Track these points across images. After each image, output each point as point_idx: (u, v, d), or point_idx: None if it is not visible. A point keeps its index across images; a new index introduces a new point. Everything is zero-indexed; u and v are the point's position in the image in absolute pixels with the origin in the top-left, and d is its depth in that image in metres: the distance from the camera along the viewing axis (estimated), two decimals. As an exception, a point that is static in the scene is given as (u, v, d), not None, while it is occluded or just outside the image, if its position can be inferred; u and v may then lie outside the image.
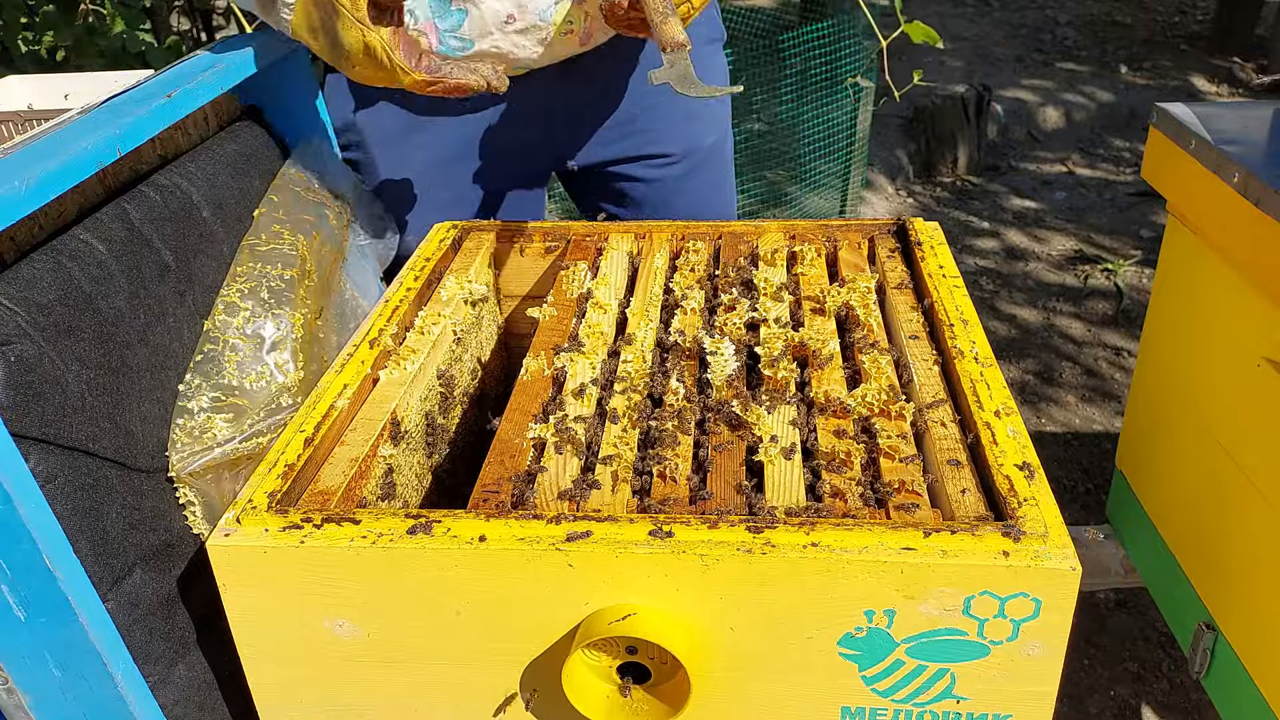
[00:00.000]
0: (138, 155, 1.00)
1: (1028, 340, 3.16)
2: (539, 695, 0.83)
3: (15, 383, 0.74)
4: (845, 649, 0.78)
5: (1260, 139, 1.27)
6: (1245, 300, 1.22)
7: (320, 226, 1.11)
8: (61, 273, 0.83)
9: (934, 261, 1.15)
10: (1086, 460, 2.63)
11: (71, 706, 0.81)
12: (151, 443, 0.88)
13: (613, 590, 0.77)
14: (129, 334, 0.88)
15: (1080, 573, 0.73)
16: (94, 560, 0.79)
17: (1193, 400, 1.37)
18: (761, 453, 0.88)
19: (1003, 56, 5.41)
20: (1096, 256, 3.61)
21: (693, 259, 1.21)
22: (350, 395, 0.97)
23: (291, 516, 0.81)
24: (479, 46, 1.23)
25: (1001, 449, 0.84)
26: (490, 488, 0.86)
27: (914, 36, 1.71)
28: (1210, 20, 5.79)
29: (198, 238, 1.00)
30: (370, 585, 0.80)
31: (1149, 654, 2.07)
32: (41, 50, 2.67)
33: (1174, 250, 1.41)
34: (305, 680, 0.86)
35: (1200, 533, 1.36)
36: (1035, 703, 0.79)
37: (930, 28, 1.70)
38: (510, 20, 1.21)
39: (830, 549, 0.75)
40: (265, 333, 0.97)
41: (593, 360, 1.03)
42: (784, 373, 0.98)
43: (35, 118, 1.62)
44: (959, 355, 0.97)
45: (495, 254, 1.30)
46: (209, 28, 3.74)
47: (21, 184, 0.78)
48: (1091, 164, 4.42)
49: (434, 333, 1.10)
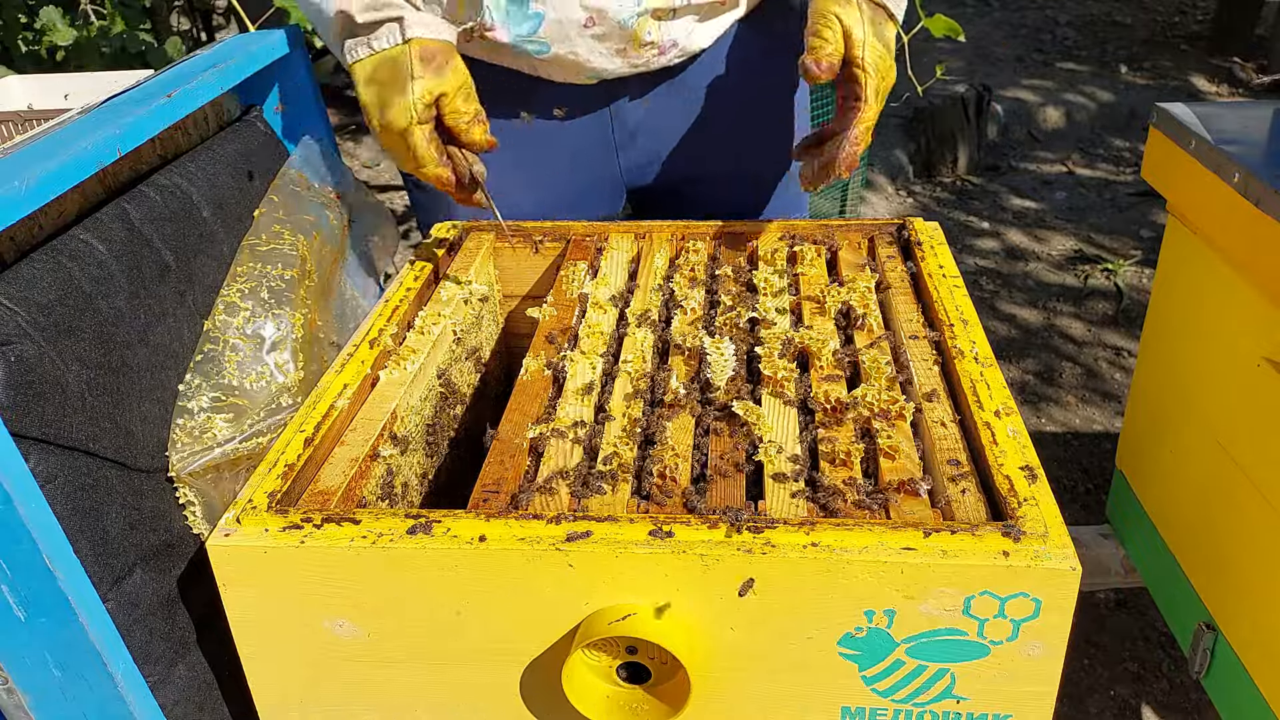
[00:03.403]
0: (138, 155, 1.00)
1: (1028, 340, 3.16)
2: (540, 695, 0.83)
3: (15, 383, 0.74)
4: (845, 649, 0.78)
5: (1260, 139, 1.27)
6: (1245, 300, 1.22)
7: (320, 226, 1.11)
8: (61, 273, 0.83)
9: (934, 261, 1.15)
10: (1086, 460, 2.63)
11: (71, 706, 0.81)
12: (151, 443, 0.88)
13: (613, 590, 0.77)
14: (129, 334, 0.88)
15: (1080, 573, 0.73)
16: (94, 560, 0.79)
17: (1193, 400, 1.37)
18: (761, 453, 0.88)
19: (1003, 56, 5.41)
20: (1096, 256, 3.61)
21: (693, 259, 1.21)
22: (350, 395, 0.97)
23: (291, 516, 0.81)
24: (556, 50, 1.22)
25: (1001, 449, 0.84)
26: (490, 488, 0.86)
27: (935, 31, 1.69)
28: (1210, 20, 5.78)
29: (198, 238, 1.00)
30: (370, 585, 0.80)
31: (1149, 654, 2.07)
32: (41, 50, 2.67)
33: (1174, 250, 1.41)
34: (305, 680, 0.86)
35: (1200, 533, 1.36)
36: (1035, 703, 0.79)
37: (953, 20, 1.68)
38: (589, 24, 1.20)
39: (830, 549, 0.75)
40: (265, 333, 0.97)
41: (593, 360, 1.03)
42: (784, 373, 0.98)
43: (35, 118, 1.62)
44: (959, 355, 0.97)
45: (495, 254, 1.30)
46: (209, 28, 3.74)
47: (21, 184, 0.78)
48: (1091, 164, 4.42)
49: (434, 333, 1.10)
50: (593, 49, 1.22)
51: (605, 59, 1.24)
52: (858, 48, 1.07)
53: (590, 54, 1.23)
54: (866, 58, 1.07)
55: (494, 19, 1.19)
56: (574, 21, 1.19)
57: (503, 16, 1.19)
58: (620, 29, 1.20)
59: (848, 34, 1.07)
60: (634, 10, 1.19)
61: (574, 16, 1.19)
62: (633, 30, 1.21)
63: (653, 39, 1.23)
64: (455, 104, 1.10)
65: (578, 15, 1.18)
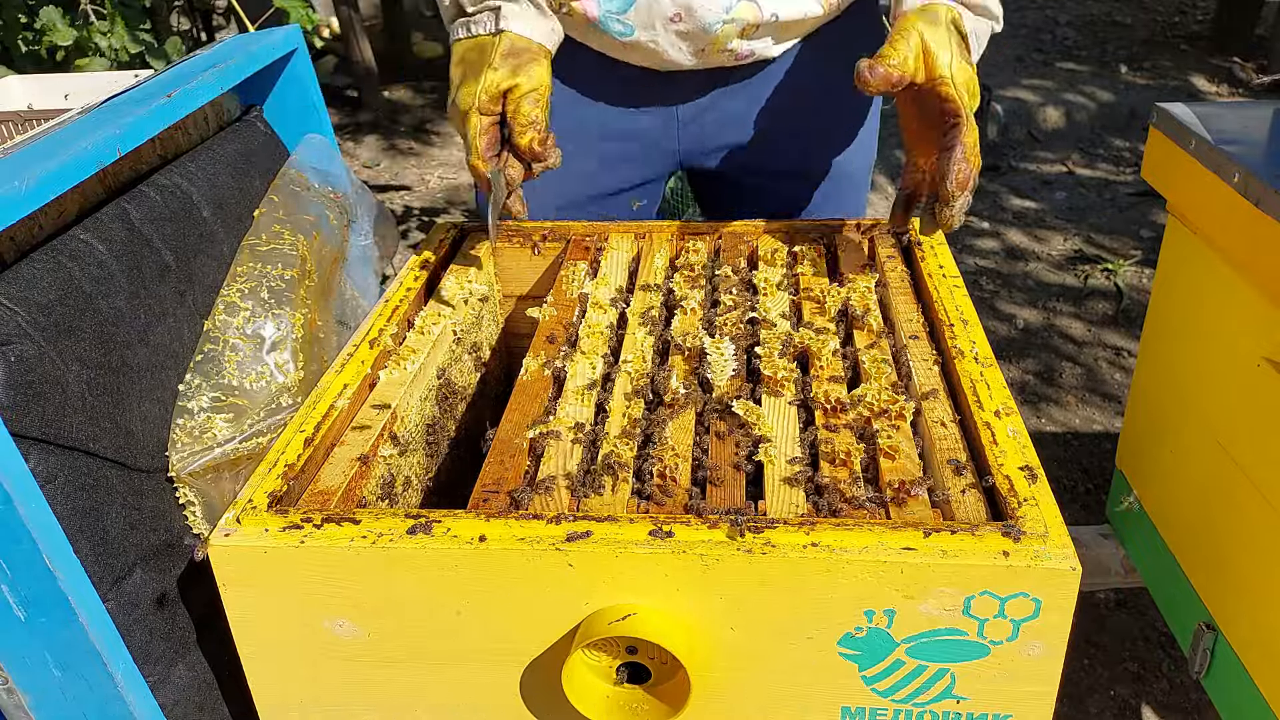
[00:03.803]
0: (138, 155, 1.00)
1: (1028, 340, 3.16)
2: (540, 695, 0.83)
3: (15, 383, 0.74)
4: (845, 649, 0.78)
5: (1260, 139, 1.27)
6: (1245, 300, 1.22)
7: (320, 226, 1.11)
8: (61, 273, 0.83)
9: (934, 261, 1.15)
10: (1086, 460, 2.63)
11: (71, 706, 0.81)
12: (151, 443, 0.88)
13: (613, 590, 0.77)
14: (129, 334, 0.88)
15: (1080, 573, 0.73)
16: (94, 560, 0.79)
17: (1193, 400, 1.37)
18: (761, 453, 0.88)
19: (1003, 56, 5.41)
20: (1096, 256, 3.61)
21: (693, 259, 1.21)
22: (350, 395, 0.97)
23: (291, 516, 0.81)
24: (638, 36, 1.23)
25: (1001, 449, 0.84)
26: (490, 488, 0.86)
27: None
28: (1210, 20, 5.79)
29: (198, 238, 1.00)
30: (370, 585, 0.80)
31: (1149, 654, 2.07)
32: (41, 50, 2.67)
33: (1174, 250, 1.41)
34: (305, 680, 0.86)
35: (1200, 533, 1.36)
36: (1035, 703, 0.79)
37: None
38: (676, 19, 1.21)
39: (830, 549, 0.75)
40: (265, 333, 0.97)
41: (593, 360, 1.03)
42: (784, 372, 0.98)
43: (35, 118, 1.62)
44: (959, 355, 0.97)
45: (495, 254, 1.30)
46: (209, 28, 3.74)
47: (21, 184, 0.78)
48: (1091, 164, 4.42)
49: (434, 332, 1.10)
50: (673, 43, 1.24)
51: (683, 54, 1.25)
52: (943, 67, 1.03)
53: (670, 47, 1.24)
54: (956, 76, 1.03)
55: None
56: (662, 13, 1.20)
57: None
58: (704, 32, 1.22)
59: (930, 52, 1.03)
60: (720, 17, 1.20)
61: (663, 7, 1.20)
62: (715, 35, 1.22)
63: (732, 48, 1.25)
64: (520, 104, 1.11)
65: (667, 7, 1.20)
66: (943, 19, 1.06)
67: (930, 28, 1.04)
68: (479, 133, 1.12)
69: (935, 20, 1.05)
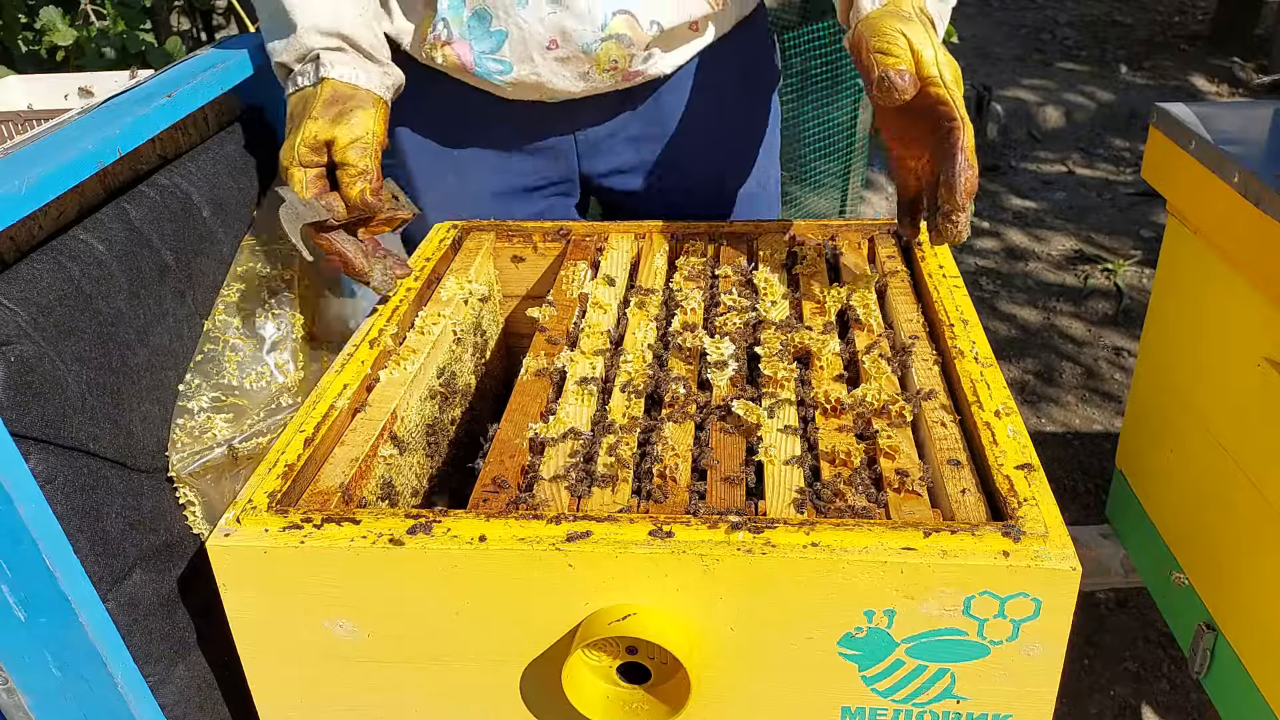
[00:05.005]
0: (138, 155, 1.00)
1: (1028, 340, 3.16)
2: (540, 695, 0.83)
3: (15, 383, 0.75)
4: (845, 649, 0.78)
5: (1260, 139, 1.27)
6: (1245, 300, 1.22)
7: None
8: (61, 273, 0.83)
9: (934, 261, 1.15)
10: (1086, 460, 2.63)
11: (71, 706, 0.81)
12: (151, 443, 0.88)
13: (613, 590, 0.77)
14: (129, 334, 0.88)
15: (1080, 573, 0.73)
16: (94, 560, 0.79)
17: (1193, 400, 1.37)
18: (761, 453, 0.88)
19: (1003, 56, 5.41)
20: (1096, 256, 3.61)
21: (693, 259, 1.21)
22: (350, 395, 0.97)
23: (291, 516, 0.81)
24: (518, 73, 1.20)
25: (1001, 449, 0.84)
26: (490, 488, 0.86)
27: None
28: (1210, 20, 5.79)
29: (198, 238, 1.00)
30: (370, 585, 0.80)
31: (1149, 654, 2.07)
32: (41, 50, 2.67)
33: (1174, 250, 1.41)
34: (305, 680, 0.85)
35: (1200, 533, 1.36)
36: (1035, 703, 0.79)
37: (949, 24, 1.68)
38: (552, 46, 1.17)
39: (830, 549, 0.75)
40: (265, 333, 0.97)
41: (593, 360, 1.03)
42: (784, 373, 0.98)
43: (35, 118, 1.62)
44: (959, 355, 0.97)
45: (495, 254, 1.30)
46: (209, 28, 3.74)
47: (21, 184, 0.78)
48: (1091, 164, 4.42)
49: (434, 333, 1.10)
50: (556, 71, 1.20)
51: (568, 82, 1.22)
52: (931, 66, 0.97)
53: (553, 76, 1.21)
54: (946, 75, 0.98)
55: (455, 34, 1.17)
56: (537, 41, 1.17)
57: (464, 31, 1.17)
58: (584, 53, 1.18)
59: (916, 53, 0.97)
60: (597, 36, 1.17)
61: (537, 34, 1.17)
62: (595, 55, 1.19)
63: (617, 65, 1.21)
64: (346, 154, 1.05)
65: (540, 34, 1.17)
66: (913, 13, 1.01)
67: (906, 24, 0.99)
68: (303, 188, 1.05)
69: (908, 16, 1.00)
